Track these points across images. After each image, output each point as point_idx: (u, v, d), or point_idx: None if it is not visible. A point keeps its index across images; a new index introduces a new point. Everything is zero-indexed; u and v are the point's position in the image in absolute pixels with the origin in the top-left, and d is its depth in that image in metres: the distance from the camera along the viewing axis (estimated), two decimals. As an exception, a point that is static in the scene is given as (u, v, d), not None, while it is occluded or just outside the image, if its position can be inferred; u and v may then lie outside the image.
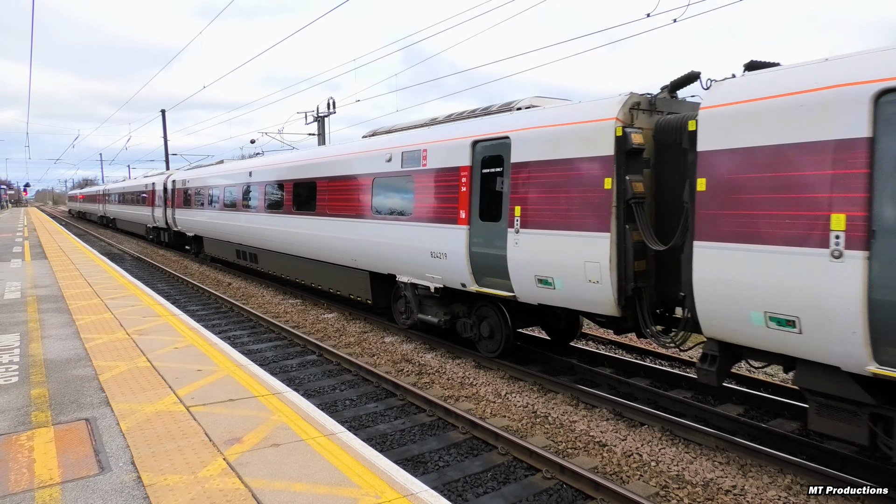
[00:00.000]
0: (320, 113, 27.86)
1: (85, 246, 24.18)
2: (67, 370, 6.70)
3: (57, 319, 9.38)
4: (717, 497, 5.46)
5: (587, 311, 7.88)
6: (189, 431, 5.00)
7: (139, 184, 33.46)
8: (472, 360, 9.84)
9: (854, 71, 5.01)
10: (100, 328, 8.81)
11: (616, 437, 6.79)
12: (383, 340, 11.28)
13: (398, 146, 10.75)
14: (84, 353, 7.39)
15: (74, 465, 4.37)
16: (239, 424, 5.16)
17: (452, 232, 9.26)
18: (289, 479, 4.19)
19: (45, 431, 5.01)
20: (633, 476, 5.93)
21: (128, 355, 7.35)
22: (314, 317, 13.57)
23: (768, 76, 5.72)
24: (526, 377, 8.81)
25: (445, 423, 7.31)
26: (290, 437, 4.93)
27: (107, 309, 10.34)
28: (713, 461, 6.15)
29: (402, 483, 4.16)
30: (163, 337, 8.37)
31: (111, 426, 5.10)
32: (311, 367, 9.82)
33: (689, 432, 6.75)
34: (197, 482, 4.11)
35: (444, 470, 6.11)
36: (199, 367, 6.92)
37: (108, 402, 5.67)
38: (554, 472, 5.90)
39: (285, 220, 14.91)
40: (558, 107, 8.12)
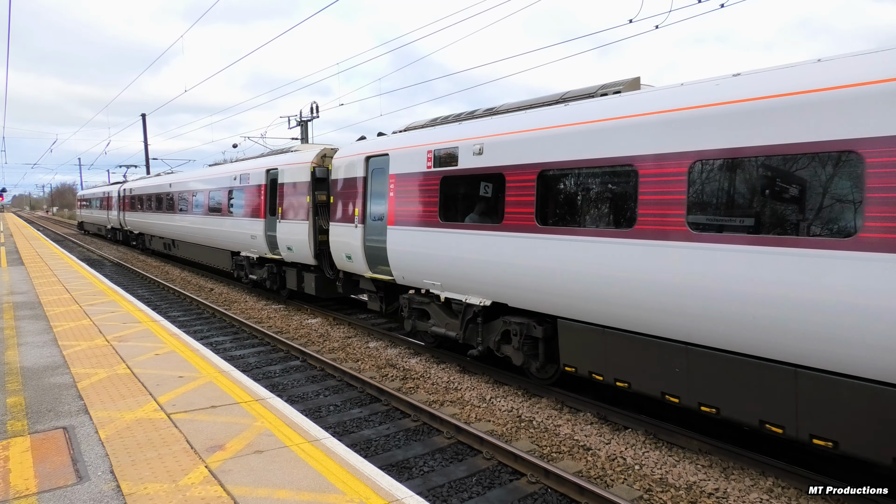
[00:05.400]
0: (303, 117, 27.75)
1: (63, 252, 23.79)
2: (45, 378, 6.57)
3: (34, 326, 9.20)
4: (701, 500, 5.50)
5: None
6: (170, 439, 4.93)
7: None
8: (456, 364, 9.83)
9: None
10: (78, 335, 8.65)
11: (600, 440, 6.81)
12: (367, 345, 11.22)
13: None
14: (62, 361, 7.26)
15: (52, 475, 4.28)
16: (221, 431, 5.10)
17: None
18: (272, 486, 4.14)
19: (21, 440, 4.90)
20: (617, 479, 5.95)
21: (107, 362, 7.23)
22: (298, 322, 13.47)
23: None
24: (510, 381, 8.81)
25: (430, 428, 7.28)
26: (273, 443, 4.87)
27: (85, 315, 10.16)
28: (696, 464, 6.20)
29: (386, 489, 4.14)
30: (143, 343, 8.24)
31: (90, 434, 5.00)
32: (295, 372, 9.73)
33: (672, 435, 6.79)
34: (178, 490, 4.04)
35: (429, 475, 6.08)
36: (180, 373, 6.82)
37: (87, 410, 5.56)
38: (539, 477, 5.91)
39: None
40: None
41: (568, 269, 7.01)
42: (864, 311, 4.63)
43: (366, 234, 11.10)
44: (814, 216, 5.02)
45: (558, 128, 7.28)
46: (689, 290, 5.78)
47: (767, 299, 5.18)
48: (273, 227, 14.75)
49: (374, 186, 10.96)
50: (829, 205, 4.93)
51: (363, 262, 11.25)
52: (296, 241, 13.71)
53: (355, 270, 11.77)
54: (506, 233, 7.87)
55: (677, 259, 5.87)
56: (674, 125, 5.96)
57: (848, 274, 4.69)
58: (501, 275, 8.01)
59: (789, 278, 5.04)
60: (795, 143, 5.02)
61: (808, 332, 4.96)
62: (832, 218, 4.90)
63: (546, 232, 7.31)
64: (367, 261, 11.17)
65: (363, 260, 11.22)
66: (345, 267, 12.12)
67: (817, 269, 4.86)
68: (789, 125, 5.07)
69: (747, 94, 5.45)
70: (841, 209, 4.85)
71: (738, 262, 5.38)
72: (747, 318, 5.34)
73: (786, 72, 5.43)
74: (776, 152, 5.16)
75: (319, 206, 13.23)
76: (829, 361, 4.92)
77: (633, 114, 6.44)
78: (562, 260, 7.09)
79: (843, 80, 4.87)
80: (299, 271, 14.48)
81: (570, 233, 7.01)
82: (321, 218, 13.19)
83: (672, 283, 5.92)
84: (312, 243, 13.26)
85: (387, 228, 10.33)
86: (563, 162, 7.12)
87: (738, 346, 5.53)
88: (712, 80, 6.07)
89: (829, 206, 4.93)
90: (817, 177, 4.98)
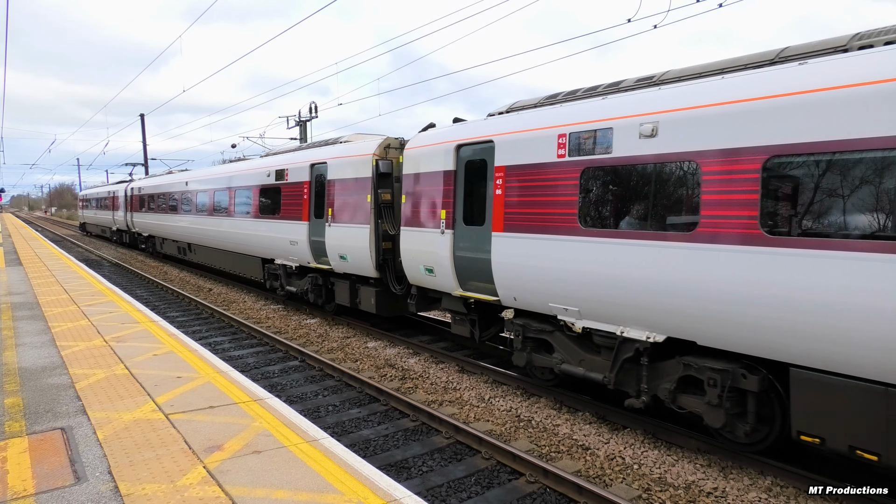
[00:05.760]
0: (302, 117, 27.73)
1: (62, 252, 23.77)
2: (43, 378, 6.56)
3: (32, 327, 9.19)
4: (699, 499, 5.51)
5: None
6: (168, 439, 4.92)
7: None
8: (455, 364, 9.83)
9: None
10: (76, 335, 8.64)
11: (599, 440, 6.82)
12: (366, 346, 11.22)
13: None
14: (60, 361, 7.25)
15: (49, 476, 4.27)
16: (220, 431, 5.09)
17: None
18: (270, 486, 4.13)
19: (19, 441, 4.89)
20: (616, 479, 5.95)
21: (105, 363, 7.22)
22: (296, 322, 13.46)
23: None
24: (509, 381, 8.81)
25: (429, 428, 7.28)
26: (271, 443, 4.87)
27: (84, 316, 10.15)
28: (695, 464, 6.20)
29: (385, 489, 4.13)
30: (141, 344, 8.24)
31: (88, 435, 5.00)
32: (294, 372, 9.73)
33: (671, 435, 6.80)
34: (176, 491, 4.04)
35: (427, 475, 6.08)
36: (178, 373, 6.81)
37: (85, 411, 5.55)
38: (537, 476, 5.90)
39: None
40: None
41: (820, 300, 4.97)
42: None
43: (456, 242, 9.06)
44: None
45: (821, 92, 5.01)
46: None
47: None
48: (320, 231, 12.49)
49: (468, 182, 8.92)
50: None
51: (451, 277, 9.18)
52: (352, 248, 11.47)
53: (436, 286, 9.70)
54: (704, 244, 5.76)
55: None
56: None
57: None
58: (691, 303, 5.91)
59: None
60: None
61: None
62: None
63: (782, 244, 5.23)
64: (456, 275, 9.13)
65: (451, 274, 9.15)
66: (421, 282, 10.06)
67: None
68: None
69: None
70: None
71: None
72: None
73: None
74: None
75: (383, 206, 11.04)
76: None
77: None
78: (811, 286, 5.02)
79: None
80: (353, 284, 12.09)
81: (825, 246, 4.94)
82: (385, 221, 11.01)
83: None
84: (374, 252, 10.99)
85: (491, 236, 8.24)
86: (818, 144, 5.01)
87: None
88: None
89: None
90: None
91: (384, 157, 11.05)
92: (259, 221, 15.18)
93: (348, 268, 11.79)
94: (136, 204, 28.37)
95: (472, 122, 9.28)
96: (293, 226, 13.48)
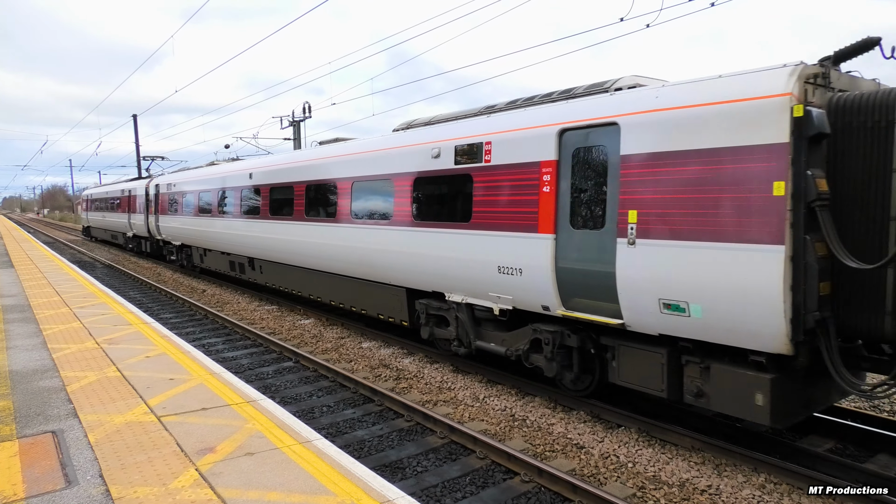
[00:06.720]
0: (296, 117, 27.66)
1: (54, 254, 23.64)
2: (33, 381, 6.52)
3: (23, 329, 9.12)
4: (693, 497, 5.51)
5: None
6: (160, 442, 4.89)
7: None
8: (449, 364, 9.82)
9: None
10: (68, 338, 8.59)
11: (593, 438, 6.82)
12: (360, 346, 11.19)
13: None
14: (51, 364, 7.20)
15: (40, 480, 4.24)
16: (212, 434, 5.07)
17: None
18: (263, 488, 4.11)
19: (9, 445, 4.85)
20: (610, 477, 5.95)
21: (97, 365, 7.17)
22: (291, 323, 13.42)
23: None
24: (504, 380, 8.81)
25: (424, 428, 7.27)
26: (264, 445, 4.85)
27: (76, 318, 10.09)
28: (689, 461, 6.21)
29: (378, 490, 4.12)
30: (134, 346, 8.19)
31: (79, 438, 4.96)
32: (288, 373, 9.69)
33: (665, 433, 6.81)
34: (168, 494, 4.01)
35: (422, 475, 6.07)
36: (171, 375, 6.78)
37: (76, 414, 5.52)
38: (532, 475, 5.90)
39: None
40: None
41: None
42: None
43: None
44: None
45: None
46: None
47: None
48: (593, 252, 6.89)
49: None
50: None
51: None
52: (720, 291, 5.71)
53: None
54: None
55: None
56: None
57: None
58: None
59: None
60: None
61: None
62: None
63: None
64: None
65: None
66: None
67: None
68: None
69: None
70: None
71: None
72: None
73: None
74: None
75: (817, 206, 5.40)
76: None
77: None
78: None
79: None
80: (676, 356, 6.48)
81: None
82: (819, 237, 5.52)
83: None
84: (790, 301, 5.34)
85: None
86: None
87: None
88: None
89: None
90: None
91: (809, 102, 5.41)
92: (414, 232, 9.54)
93: (692, 328, 6.08)
94: (165, 204, 22.56)
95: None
96: (510, 241, 7.87)
